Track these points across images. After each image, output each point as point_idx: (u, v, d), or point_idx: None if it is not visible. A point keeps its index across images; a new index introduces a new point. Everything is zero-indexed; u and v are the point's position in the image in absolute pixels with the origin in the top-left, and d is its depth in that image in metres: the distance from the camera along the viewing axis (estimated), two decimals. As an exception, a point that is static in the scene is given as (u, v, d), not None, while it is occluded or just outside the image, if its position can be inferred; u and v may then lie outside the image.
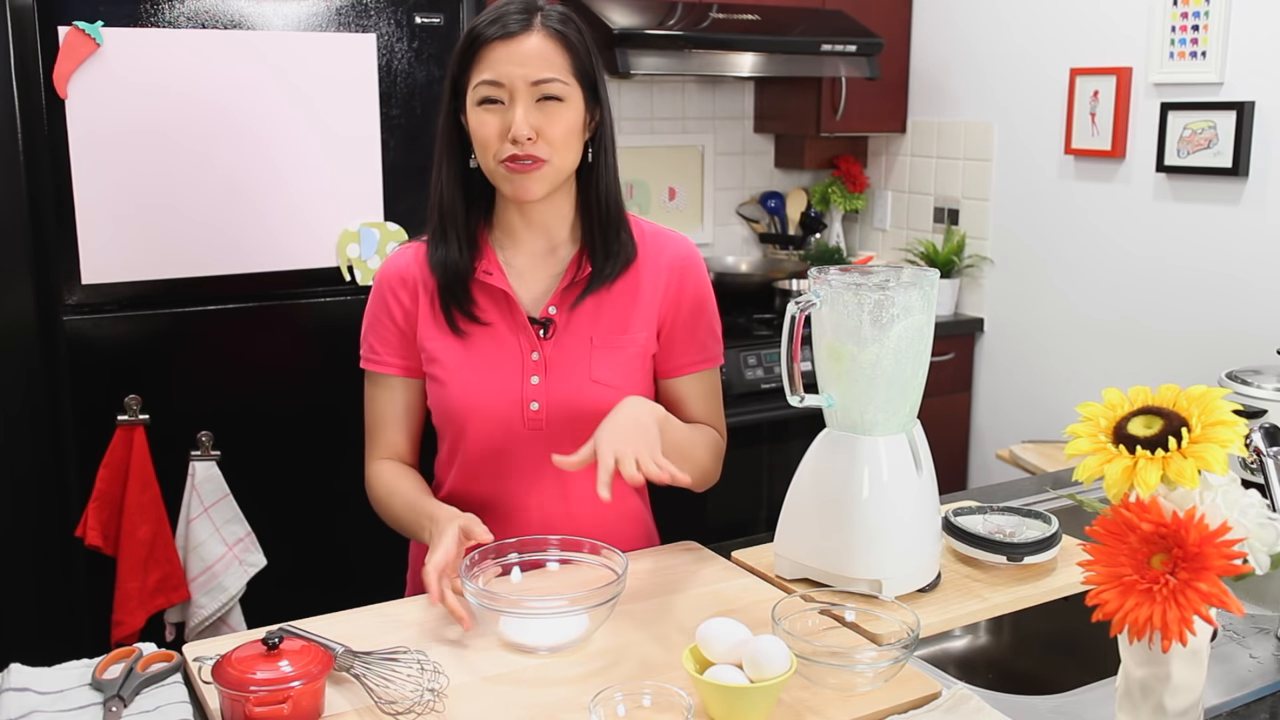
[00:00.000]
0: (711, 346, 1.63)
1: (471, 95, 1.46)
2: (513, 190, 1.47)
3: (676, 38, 2.99)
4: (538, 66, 1.43)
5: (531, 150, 1.43)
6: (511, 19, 1.44)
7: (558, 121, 1.44)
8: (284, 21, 2.39)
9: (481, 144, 1.46)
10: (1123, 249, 3.09)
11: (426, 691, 1.17)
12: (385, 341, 1.58)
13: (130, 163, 2.29)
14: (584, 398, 1.51)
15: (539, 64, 1.43)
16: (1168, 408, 1.02)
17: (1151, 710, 1.05)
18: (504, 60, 1.43)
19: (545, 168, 1.45)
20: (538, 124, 1.43)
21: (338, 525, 2.53)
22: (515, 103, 1.43)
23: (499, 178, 1.47)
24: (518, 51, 1.43)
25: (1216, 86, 2.81)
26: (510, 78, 1.42)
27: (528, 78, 1.42)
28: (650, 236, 1.60)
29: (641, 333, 1.56)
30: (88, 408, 2.33)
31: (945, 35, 3.54)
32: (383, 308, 1.58)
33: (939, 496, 1.50)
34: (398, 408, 1.59)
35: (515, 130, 1.42)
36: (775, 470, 3.10)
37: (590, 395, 1.51)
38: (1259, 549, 1.00)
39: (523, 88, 1.42)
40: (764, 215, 3.87)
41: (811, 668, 1.20)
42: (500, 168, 1.45)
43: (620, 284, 1.55)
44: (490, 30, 1.43)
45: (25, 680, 1.22)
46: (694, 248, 1.64)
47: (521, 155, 1.43)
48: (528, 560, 1.44)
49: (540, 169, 1.45)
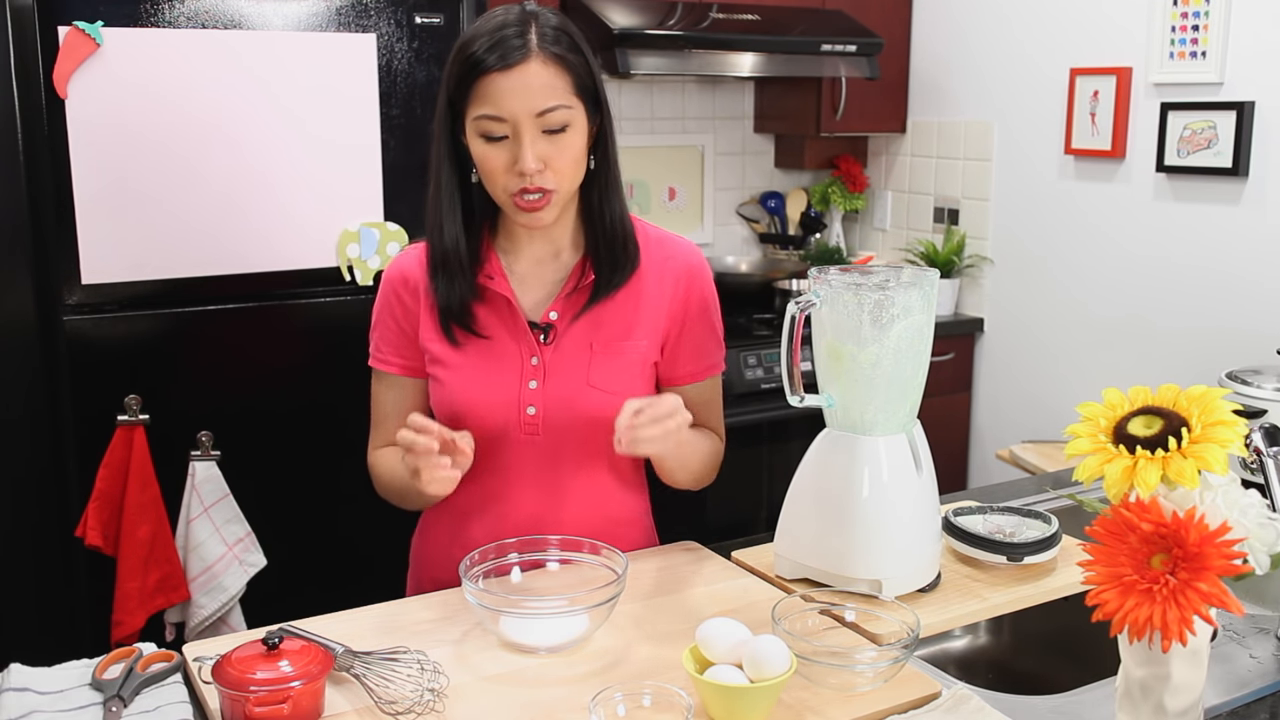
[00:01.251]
0: (715, 354, 1.63)
1: (472, 126, 1.43)
2: (525, 220, 1.46)
3: (676, 38, 2.99)
4: (541, 96, 1.39)
5: (540, 182, 1.42)
6: (510, 45, 1.39)
7: (564, 150, 1.43)
8: (284, 21, 2.39)
9: (487, 175, 1.45)
10: (1123, 249, 3.09)
11: (426, 691, 1.17)
12: (388, 341, 1.58)
13: (130, 163, 2.29)
14: (581, 403, 1.51)
15: (542, 94, 1.40)
16: (1168, 408, 1.02)
17: (1151, 710, 1.05)
18: (505, 94, 1.39)
19: (554, 197, 1.44)
20: (544, 154, 1.41)
21: (338, 525, 2.53)
22: (521, 136, 1.40)
23: (510, 210, 1.47)
24: (519, 83, 1.39)
25: (1216, 86, 2.81)
26: (513, 113, 1.39)
27: (531, 110, 1.39)
28: (655, 242, 1.59)
29: (643, 340, 1.55)
30: (88, 408, 2.33)
31: (945, 35, 3.54)
32: (386, 308, 1.58)
33: (939, 496, 1.50)
34: (400, 405, 1.59)
35: (523, 165, 1.40)
36: (775, 470, 3.10)
37: (587, 401, 1.51)
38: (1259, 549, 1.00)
39: (527, 121, 1.40)
40: (764, 215, 3.87)
41: (811, 668, 1.20)
42: (509, 200, 1.44)
43: (623, 290, 1.54)
44: (489, 59, 1.39)
45: (25, 680, 1.22)
46: (700, 254, 1.64)
47: (531, 189, 1.42)
48: (528, 560, 1.45)
49: (550, 200, 1.44)
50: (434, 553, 1.63)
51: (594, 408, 1.50)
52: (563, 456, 1.54)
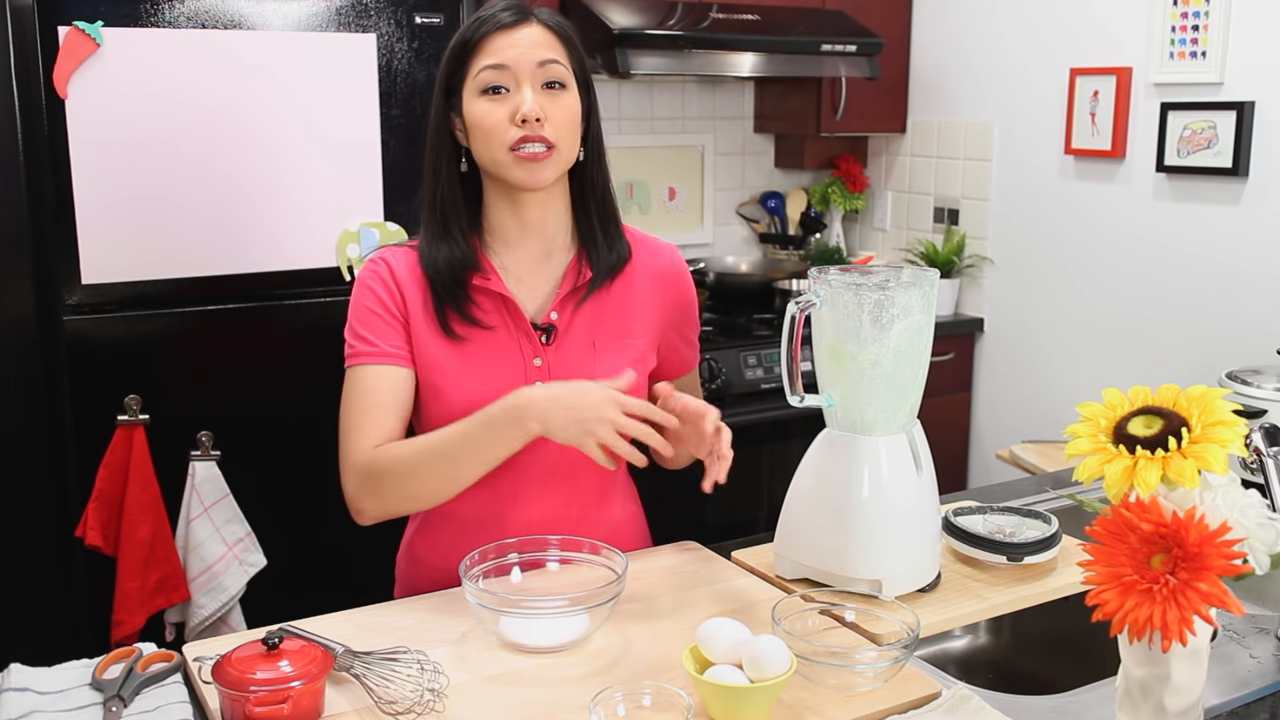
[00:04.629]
0: (695, 347, 1.68)
1: (472, 85, 1.45)
2: (525, 176, 1.44)
3: (676, 38, 2.99)
4: (541, 49, 1.44)
5: (541, 132, 1.43)
6: (506, 14, 1.45)
7: (563, 108, 1.45)
8: (284, 21, 2.39)
9: (486, 133, 1.44)
10: (1123, 249, 3.09)
11: (426, 691, 1.17)
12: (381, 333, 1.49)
13: (130, 163, 2.29)
14: None
15: (542, 47, 1.45)
16: (1168, 408, 1.02)
17: (1151, 710, 1.05)
18: (507, 46, 1.43)
19: (554, 154, 1.45)
20: (544, 107, 1.43)
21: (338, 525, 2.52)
22: (521, 85, 1.43)
23: (507, 167, 1.44)
24: (520, 36, 1.44)
25: (1216, 86, 2.81)
26: (515, 60, 1.43)
27: (533, 59, 1.43)
28: (640, 243, 1.60)
29: (641, 338, 1.56)
30: (88, 408, 2.33)
31: (945, 35, 3.54)
32: (376, 300, 1.50)
33: (939, 496, 1.50)
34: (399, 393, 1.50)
35: (526, 109, 1.41)
36: (775, 470, 3.10)
37: None
38: (1259, 549, 1.00)
39: (528, 68, 1.43)
40: (764, 215, 3.87)
41: (811, 668, 1.20)
42: (510, 156, 1.44)
43: (618, 286, 1.55)
44: (486, 26, 1.44)
45: (25, 680, 1.22)
46: (680, 256, 1.66)
47: (532, 137, 1.42)
48: (528, 560, 1.44)
49: (551, 156, 1.44)
50: (428, 568, 1.58)
51: None
52: (570, 458, 1.51)
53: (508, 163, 1.45)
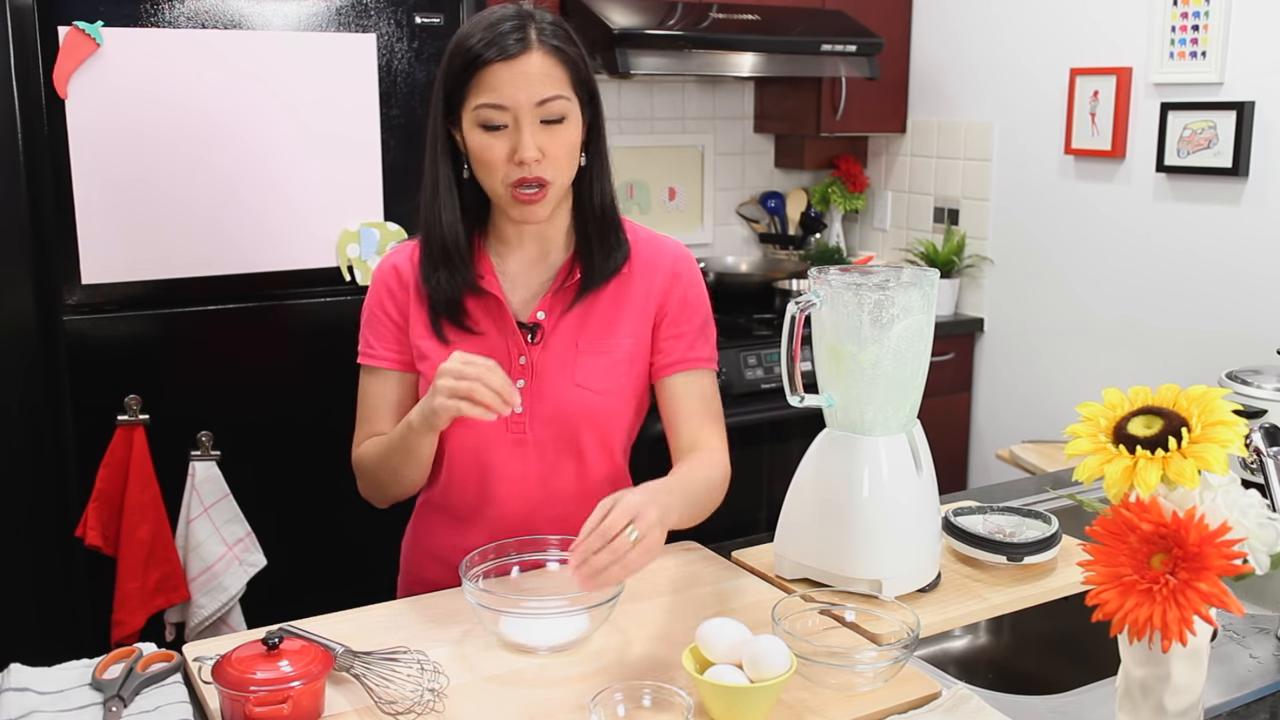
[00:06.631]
0: (703, 349, 1.59)
1: (470, 116, 1.44)
2: (521, 215, 1.47)
3: (676, 38, 2.99)
4: (541, 86, 1.41)
5: (538, 172, 1.42)
6: (509, 39, 1.40)
7: (562, 142, 1.44)
8: (284, 21, 2.39)
9: (485, 166, 1.45)
10: (1123, 249, 3.09)
11: (426, 691, 1.17)
12: (380, 336, 1.58)
13: (130, 163, 2.29)
14: (566, 402, 1.52)
15: (542, 84, 1.41)
16: (1168, 408, 1.02)
17: (1151, 710, 1.05)
18: (506, 83, 1.40)
19: (550, 190, 1.45)
20: (543, 144, 1.42)
21: (338, 525, 2.53)
22: (521, 125, 1.41)
23: (505, 201, 1.47)
24: (520, 73, 1.40)
25: (1216, 86, 2.81)
26: (514, 101, 1.41)
27: (532, 99, 1.41)
28: (644, 242, 1.59)
29: (628, 339, 1.55)
30: (88, 408, 2.33)
31: (945, 35, 3.54)
32: (378, 303, 1.58)
33: (939, 496, 1.50)
34: (390, 400, 1.58)
35: (523, 153, 1.41)
36: (775, 470, 3.10)
37: (573, 400, 1.52)
38: (1259, 549, 1.00)
39: (527, 109, 1.41)
40: (764, 215, 3.87)
41: (811, 668, 1.20)
42: (507, 193, 1.45)
43: (610, 288, 1.55)
44: (489, 52, 1.40)
45: (25, 680, 1.22)
46: (688, 253, 1.63)
47: (529, 179, 1.42)
48: (528, 560, 1.44)
49: (545, 194, 1.45)
50: (425, 554, 1.63)
51: (580, 407, 1.51)
52: (550, 456, 1.54)
53: (505, 198, 1.46)
